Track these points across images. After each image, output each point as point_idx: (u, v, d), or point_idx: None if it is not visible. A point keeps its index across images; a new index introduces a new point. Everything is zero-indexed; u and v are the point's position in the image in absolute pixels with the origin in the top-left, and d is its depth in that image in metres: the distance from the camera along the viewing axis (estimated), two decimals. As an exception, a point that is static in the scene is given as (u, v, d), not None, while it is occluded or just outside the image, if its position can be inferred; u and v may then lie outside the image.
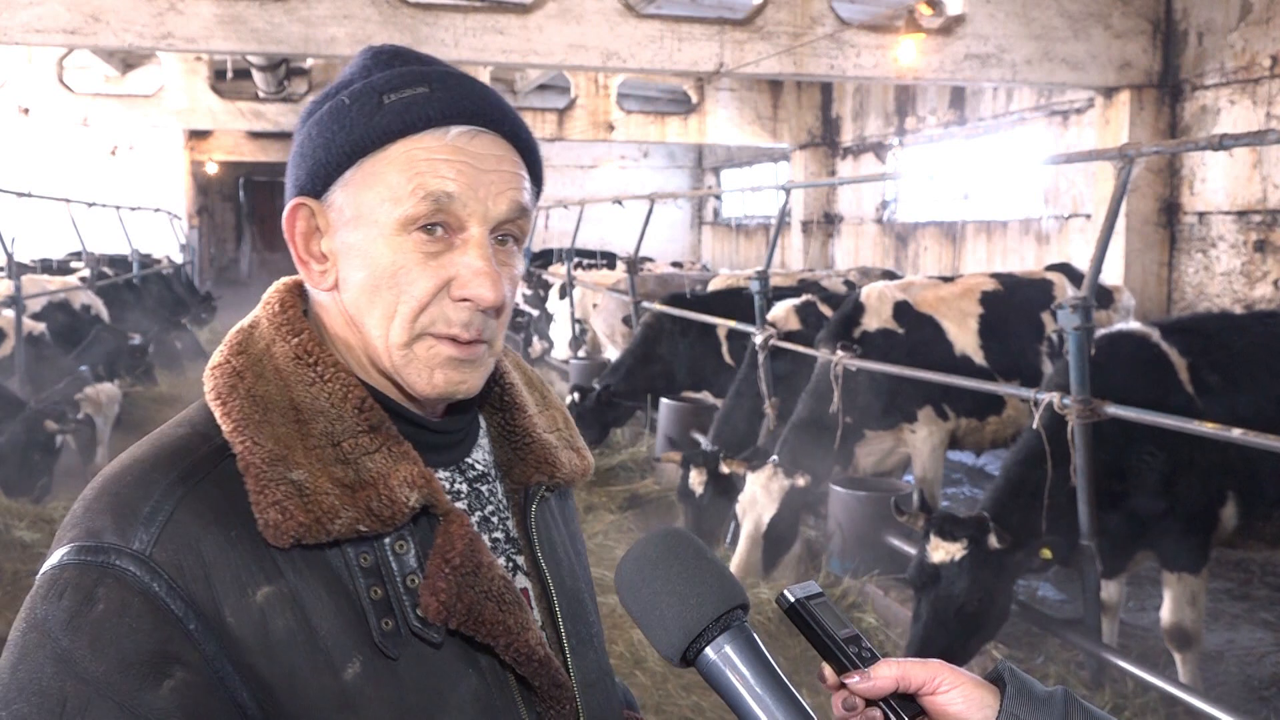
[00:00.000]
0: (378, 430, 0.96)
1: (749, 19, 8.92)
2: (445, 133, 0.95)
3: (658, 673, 4.15)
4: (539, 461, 1.10)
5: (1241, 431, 3.31)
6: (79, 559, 0.87)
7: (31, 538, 6.00)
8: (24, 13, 7.67)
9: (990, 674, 0.89)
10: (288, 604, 0.89)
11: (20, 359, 7.77)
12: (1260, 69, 8.35)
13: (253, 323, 1.02)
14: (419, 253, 0.95)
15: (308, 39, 8.02)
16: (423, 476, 0.95)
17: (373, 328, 0.97)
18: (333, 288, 0.99)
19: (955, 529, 3.85)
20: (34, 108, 15.23)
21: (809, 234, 16.22)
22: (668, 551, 0.90)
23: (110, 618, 0.84)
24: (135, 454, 0.95)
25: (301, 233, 1.00)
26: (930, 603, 3.87)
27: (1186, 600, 4.03)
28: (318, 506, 0.90)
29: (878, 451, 5.86)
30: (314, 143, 0.98)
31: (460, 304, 0.96)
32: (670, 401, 7.61)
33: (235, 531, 0.89)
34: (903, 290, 5.99)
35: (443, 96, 0.96)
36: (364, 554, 0.93)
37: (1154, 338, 4.20)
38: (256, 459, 0.90)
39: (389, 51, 1.02)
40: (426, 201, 0.94)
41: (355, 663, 0.90)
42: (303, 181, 0.99)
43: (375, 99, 0.96)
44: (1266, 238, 8.36)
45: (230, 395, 0.95)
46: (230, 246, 26.03)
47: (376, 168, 0.95)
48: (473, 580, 0.94)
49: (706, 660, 0.86)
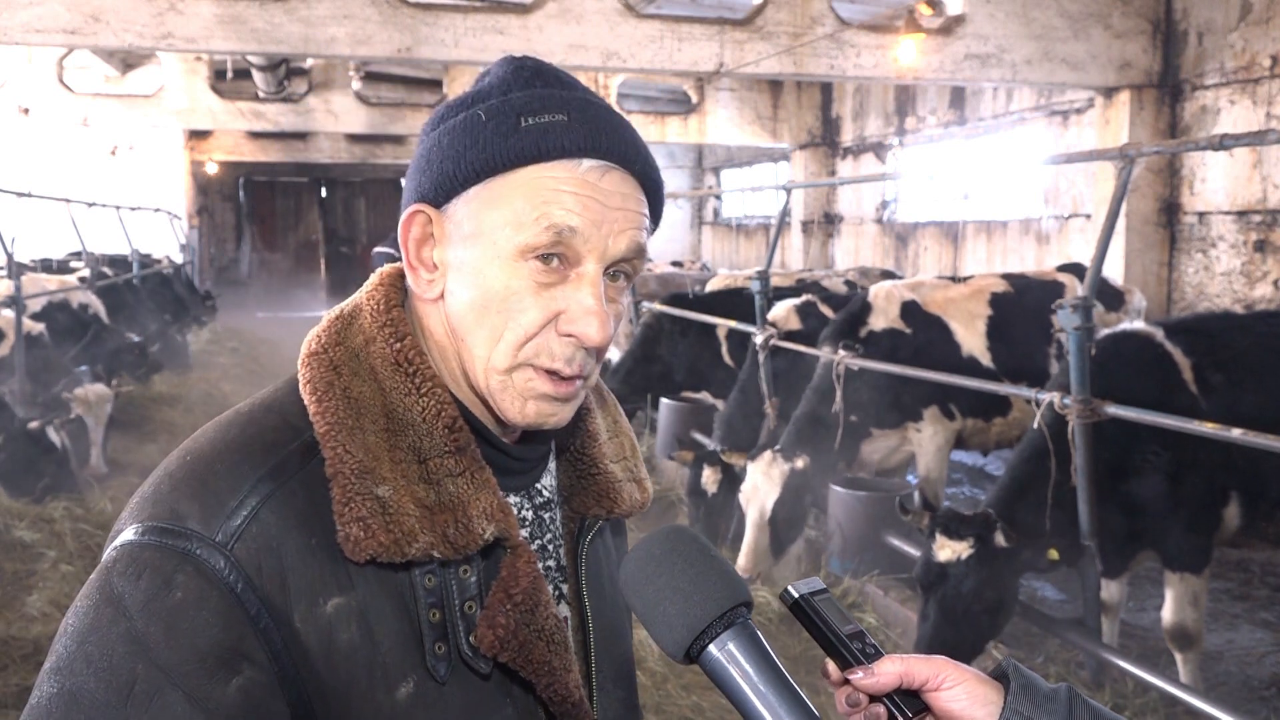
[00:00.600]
0: (464, 453, 0.96)
1: (749, 19, 8.92)
2: (578, 165, 0.94)
3: (658, 673, 4.15)
4: (600, 494, 1.10)
5: (1241, 431, 3.31)
6: (160, 541, 0.87)
7: (31, 538, 6.00)
8: (24, 13, 7.67)
9: (994, 671, 0.89)
10: (355, 617, 0.89)
11: (20, 359, 7.77)
12: (1260, 69, 8.35)
13: (354, 311, 1.01)
14: (533, 281, 0.94)
15: (308, 39, 8.02)
16: (501, 509, 0.95)
17: (476, 347, 0.96)
18: (438, 298, 0.99)
19: (961, 527, 3.85)
20: (34, 108, 15.22)
21: (809, 234, 16.22)
22: (672, 549, 0.90)
23: (187, 607, 0.85)
24: (226, 437, 0.94)
25: (415, 239, 0.99)
26: (937, 602, 3.87)
27: (1188, 600, 4.03)
28: (399, 527, 0.90)
29: (882, 449, 5.86)
30: (443, 153, 0.97)
31: (566, 339, 0.95)
32: (670, 402, 7.61)
33: (315, 539, 0.89)
34: (911, 290, 5.99)
35: (580, 128, 0.95)
36: (429, 575, 0.93)
37: (1158, 337, 4.20)
38: (346, 468, 0.90)
39: (531, 68, 1.00)
40: (549, 232, 0.93)
41: (410, 683, 0.91)
42: (425, 189, 0.98)
43: (513, 120, 0.94)
44: (1266, 238, 8.35)
45: (327, 393, 0.94)
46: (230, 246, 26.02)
47: (504, 189, 0.94)
48: (530, 618, 0.95)
49: (710, 657, 0.86)
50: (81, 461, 7.41)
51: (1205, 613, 5.12)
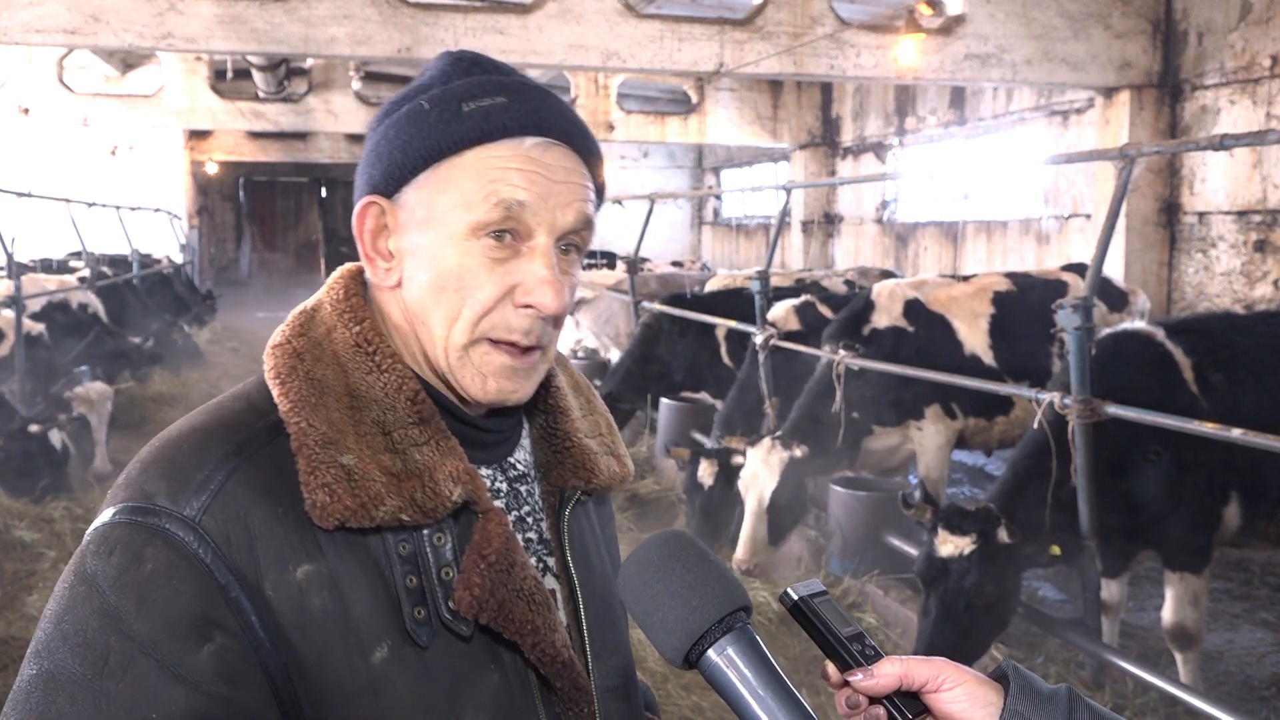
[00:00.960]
0: (428, 423, 0.99)
1: (749, 19, 8.92)
2: (520, 143, 0.98)
3: (658, 673, 4.15)
4: (577, 466, 1.12)
5: (1241, 431, 3.31)
6: (130, 519, 0.90)
7: (31, 538, 6.00)
8: (24, 13, 7.67)
9: (994, 672, 0.89)
10: (325, 584, 0.91)
11: (20, 359, 7.76)
12: (1260, 69, 8.35)
13: (315, 306, 1.05)
14: (486, 258, 0.97)
15: (308, 39, 8.02)
16: (467, 472, 0.98)
17: (434, 327, 0.99)
18: (396, 285, 1.02)
19: (964, 522, 3.85)
20: (34, 108, 15.21)
21: (809, 234, 16.22)
22: (669, 554, 0.90)
23: (158, 579, 0.87)
24: (193, 421, 0.98)
25: (370, 230, 1.02)
26: (939, 597, 3.85)
27: (1188, 600, 4.03)
28: (364, 492, 0.92)
29: (884, 447, 5.86)
30: (390, 144, 1.00)
31: (523, 310, 0.98)
32: (670, 402, 7.61)
33: (283, 508, 0.91)
34: (915, 288, 5.98)
35: (520, 108, 0.99)
36: (403, 542, 0.95)
37: (1158, 337, 4.21)
38: (310, 440, 0.93)
39: (469, 59, 1.04)
40: (499, 208, 0.96)
41: (384, 647, 0.92)
42: (376, 180, 1.01)
43: (455, 106, 0.98)
44: (1266, 238, 8.35)
45: (290, 375, 0.97)
46: (230, 246, 26.03)
47: (451, 172, 0.98)
48: (506, 578, 0.97)
49: (709, 662, 0.86)
50: (86, 461, 7.41)
51: (1205, 613, 5.12)
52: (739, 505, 5.45)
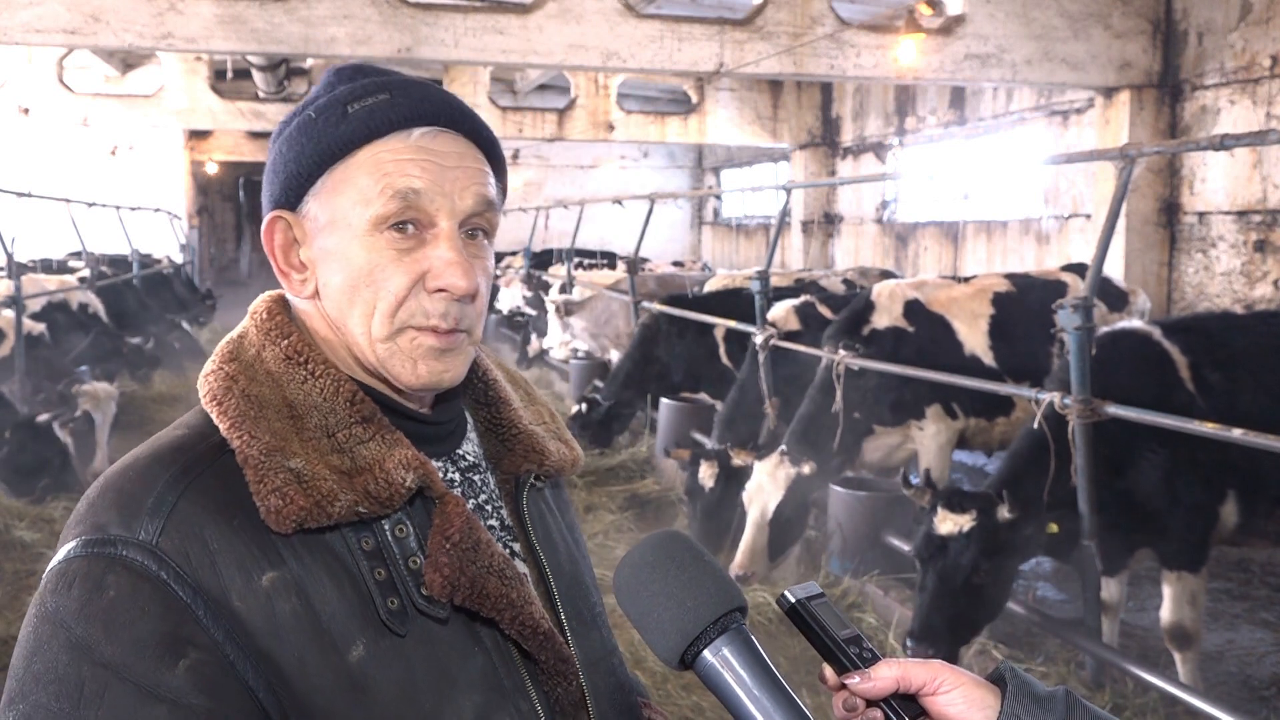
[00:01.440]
0: (370, 421, 0.99)
1: (749, 19, 8.92)
2: (408, 135, 1.00)
3: (658, 673, 4.15)
4: (527, 450, 1.13)
5: (1242, 431, 3.31)
6: (87, 551, 0.89)
7: (31, 538, 6.01)
8: (24, 13, 7.67)
9: (991, 674, 0.89)
10: (292, 588, 0.91)
11: (20, 359, 7.76)
12: (1260, 69, 8.35)
13: (241, 333, 1.06)
14: (392, 249, 0.98)
15: (308, 39, 8.02)
16: (417, 459, 0.98)
17: (355, 326, 1.00)
18: (313, 295, 1.03)
19: (964, 501, 3.89)
20: (34, 108, 15.22)
21: (809, 234, 16.22)
22: (664, 555, 0.89)
23: (122, 603, 0.86)
24: (135, 454, 0.97)
25: (280, 245, 1.04)
26: (936, 573, 3.88)
27: (1186, 600, 4.04)
28: (317, 491, 0.92)
29: (884, 447, 5.86)
30: (284, 158, 1.02)
31: (436, 295, 0.99)
32: (670, 402, 7.61)
33: (238, 520, 0.91)
34: (915, 289, 5.98)
35: (403, 101, 1.00)
36: (365, 538, 0.95)
37: (1155, 336, 4.21)
38: (254, 451, 0.93)
39: (351, 68, 1.07)
40: (395, 200, 0.98)
41: (359, 645, 0.91)
42: (277, 195, 1.03)
43: (340, 109, 1.00)
44: (1266, 238, 8.35)
45: (225, 395, 0.98)
46: (230, 246, 26.03)
47: (346, 173, 1.00)
48: (473, 556, 0.97)
49: (704, 663, 0.86)
50: (86, 461, 7.41)
51: (1205, 613, 5.12)
52: (740, 507, 5.45)
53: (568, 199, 16.16)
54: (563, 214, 21.25)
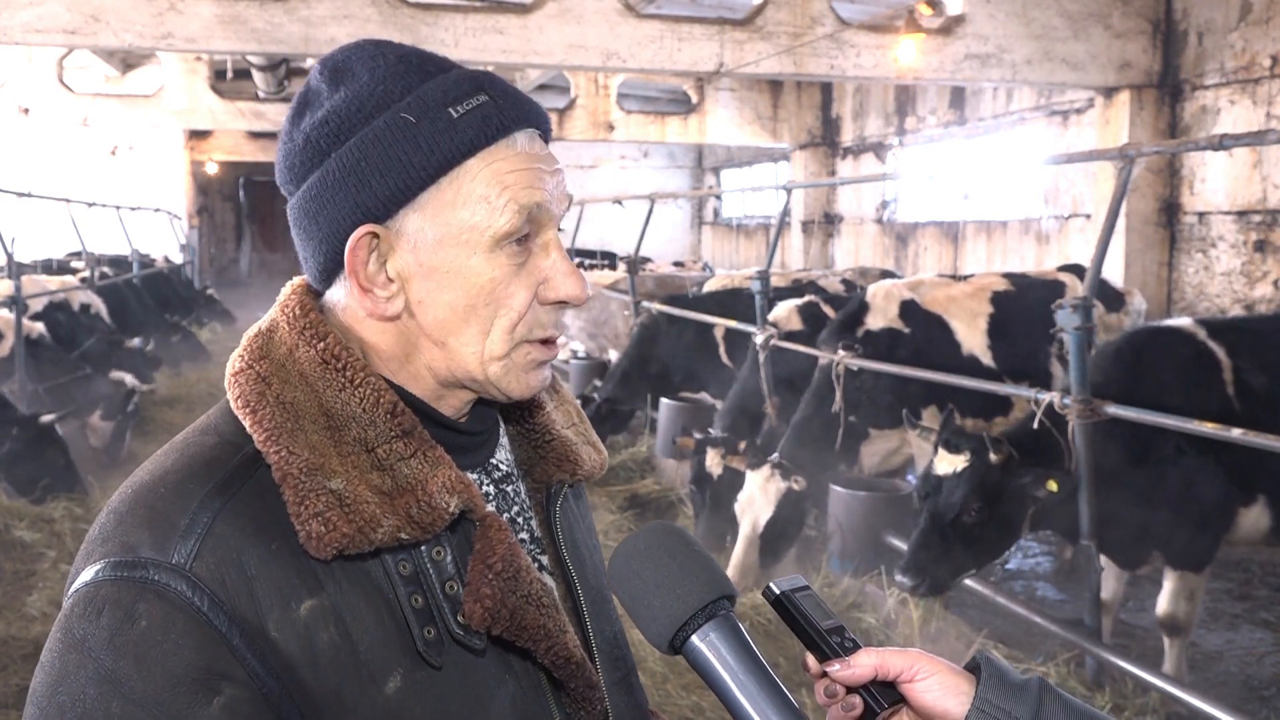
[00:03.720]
0: (411, 435, 0.94)
1: (749, 19, 8.92)
2: (513, 141, 0.95)
3: (658, 673, 4.15)
4: (560, 459, 1.10)
5: (1241, 432, 3.31)
6: (116, 575, 0.84)
7: (31, 538, 6.00)
8: (24, 13, 7.67)
9: (968, 663, 0.92)
10: (330, 617, 0.87)
11: (20, 360, 7.76)
12: (1260, 69, 8.35)
13: (270, 326, 0.99)
14: (512, 265, 0.95)
15: (308, 39, 8.02)
16: (460, 481, 0.93)
17: (465, 346, 0.96)
18: (400, 311, 0.96)
19: (961, 442, 4.04)
20: (34, 108, 15.22)
21: (809, 234, 16.22)
22: (656, 544, 0.93)
23: (154, 634, 0.82)
24: (164, 464, 0.92)
25: (363, 261, 0.95)
26: (928, 509, 4.04)
27: (1184, 595, 4.09)
28: (360, 516, 0.87)
29: (882, 451, 5.85)
30: (379, 166, 0.92)
31: (550, 306, 0.98)
32: (670, 402, 7.61)
33: (276, 544, 0.87)
34: (910, 289, 5.96)
35: (505, 103, 0.95)
36: (403, 562, 0.91)
37: (1200, 336, 4.22)
38: (294, 469, 0.88)
39: (410, 56, 0.97)
40: (521, 215, 0.94)
41: (396, 676, 0.89)
42: (368, 206, 0.93)
43: (443, 113, 0.93)
44: (1266, 238, 8.35)
45: (259, 403, 0.92)
46: (230, 246, 26.03)
47: (460, 186, 0.93)
48: (514, 585, 0.93)
49: (692, 648, 0.89)
50: (114, 457, 7.63)
51: (1206, 612, 5.12)
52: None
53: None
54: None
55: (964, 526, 3.97)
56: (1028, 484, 3.92)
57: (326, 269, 0.98)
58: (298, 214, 0.98)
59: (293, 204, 0.98)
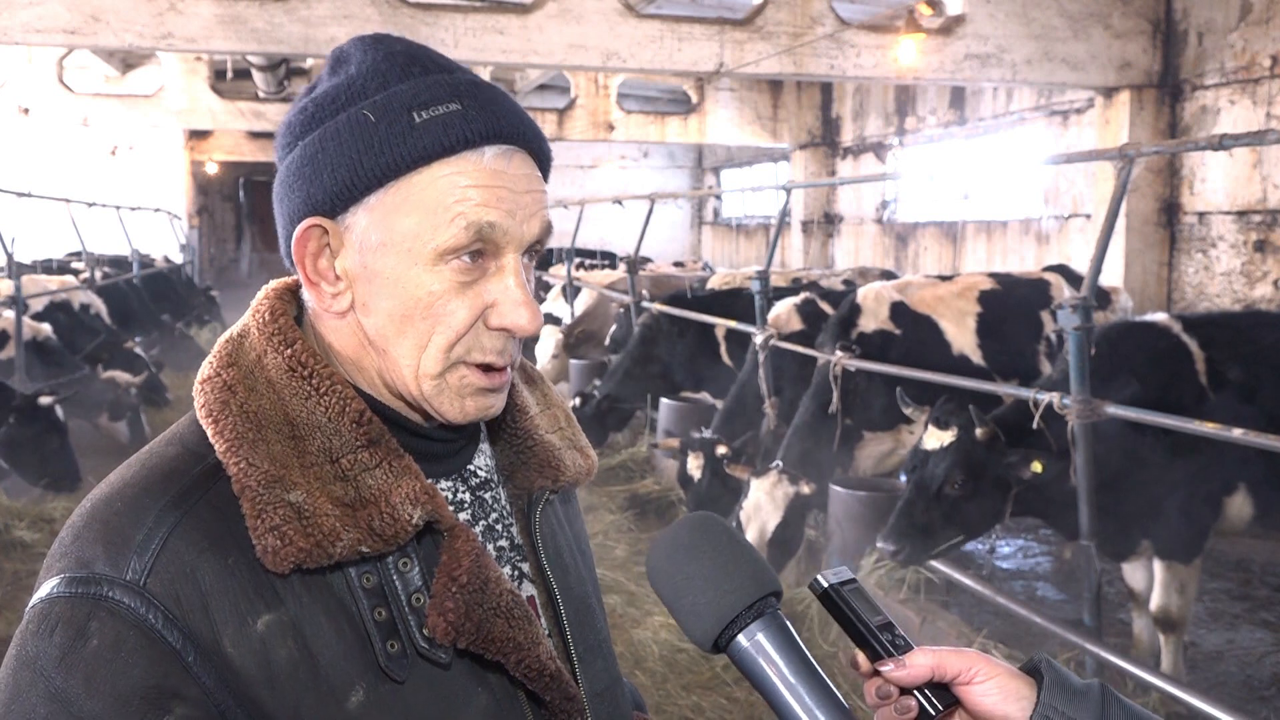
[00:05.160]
0: (377, 444, 0.92)
1: (749, 19, 8.92)
2: (480, 154, 0.91)
3: (658, 673, 4.15)
4: (542, 465, 1.07)
5: (1242, 431, 3.31)
6: (69, 591, 0.83)
7: (32, 538, 6.01)
8: (24, 13, 7.67)
9: (1025, 666, 0.89)
10: (289, 632, 0.86)
11: (20, 360, 7.77)
12: (1260, 69, 8.35)
13: (242, 331, 0.98)
14: (456, 281, 0.91)
15: (308, 39, 8.02)
16: (425, 492, 0.91)
17: (402, 357, 0.93)
18: (347, 309, 0.95)
19: (950, 419, 4.13)
20: (34, 108, 15.22)
21: (809, 234, 16.22)
22: (701, 537, 0.89)
23: (104, 653, 0.81)
24: (124, 476, 0.91)
25: (313, 253, 0.94)
26: (914, 481, 4.16)
27: (1175, 588, 4.12)
28: (318, 530, 0.86)
29: (876, 453, 5.85)
30: (332, 160, 0.91)
31: (496, 332, 0.93)
32: (670, 401, 7.61)
33: (233, 558, 0.85)
34: (899, 291, 5.98)
35: (476, 115, 0.91)
36: (367, 574, 0.90)
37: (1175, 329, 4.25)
38: (252, 481, 0.87)
39: (402, 53, 0.95)
40: (468, 231, 0.90)
41: (359, 690, 0.87)
42: (318, 200, 0.92)
43: (405, 117, 0.90)
44: (1266, 238, 8.36)
45: (222, 412, 0.90)
46: (230, 246, 26.04)
47: (410, 192, 0.90)
48: (480, 597, 0.91)
49: (738, 648, 0.86)
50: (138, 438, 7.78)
51: (1206, 613, 5.13)
52: (728, 495, 5.48)
53: (568, 199, 16.16)
54: (563, 214, 21.21)
55: (947, 499, 4.07)
56: (1014, 463, 3.97)
57: (289, 257, 0.96)
58: (274, 196, 0.98)
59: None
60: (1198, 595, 4.46)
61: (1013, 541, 6.45)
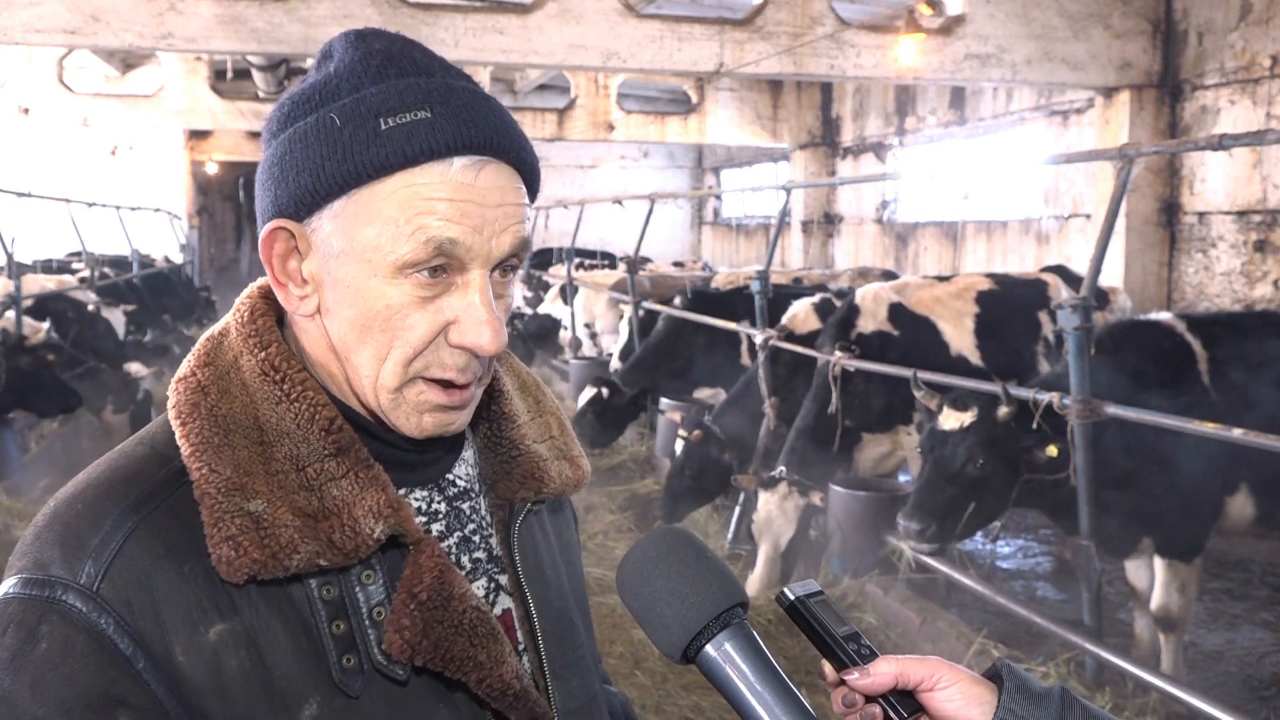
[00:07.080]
0: (345, 453, 0.91)
1: (749, 19, 8.92)
2: (448, 165, 0.88)
3: (658, 673, 4.15)
4: (525, 476, 1.05)
5: (1242, 432, 3.31)
6: (24, 593, 0.83)
7: (31, 538, 6.01)
8: (24, 13, 7.67)
9: (988, 671, 0.90)
10: (242, 642, 0.85)
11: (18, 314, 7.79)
12: (1260, 69, 8.35)
13: (223, 330, 0.97)
14: (416, 295, 0.89)
15: (308, 39, 8.02)
16: (390, 505, 0.89)
17: (361, 367, 0.91)
18: (314, 313, 0.93)
19: (968, 400, 4.12)
20: (34, 108, 15.22)
21: (809, 234, 16.22)
22: (668, 551, 0.90)
23: (53, 657, 0.81)
24: (90, 477, 0.91)
25: (279, 255, 0.92)
26: (933, 461, 4.09)
27: (1175, 587, 4.12)
28: (274, 541, 0.84)
29: (875, 455, 5.86)
30: (297, 163, 0.89)
31: (459, 349, 0.91)
32: (670, 402, 7.59)
33: (189, 566, 0.84)
34: (897, 292, 5.98)
35: (447, 125, 0.87)
36: (327, 586, 0.88)
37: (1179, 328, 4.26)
38: (212, 488, 0.85)
39: (380, 53, 0.92)
40: (428, 246, 0.87)
41: (312, 704, 0.86)
42: (283, 203, 0.91)
43: (372, 123, 0.87)
44: (1266, 238, 8.35)
45: (191, 414, 0.89)
46: (230, 246, 26.02)
47: (372, 201, 0.88)
48: (442, 614, 0.89)
49: (707, 658, 0.87)
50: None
51: (1206, 613, 5.13)
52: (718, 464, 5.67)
53: (568, 199, 16.17)
54: (562, 214, 21.24)
55: (968, 479, 4.02)
56: (1030, 444, 3.96)
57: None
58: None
59: None
60: (1198, 595, 4.45)
61: (1013, 541, 6.45)
